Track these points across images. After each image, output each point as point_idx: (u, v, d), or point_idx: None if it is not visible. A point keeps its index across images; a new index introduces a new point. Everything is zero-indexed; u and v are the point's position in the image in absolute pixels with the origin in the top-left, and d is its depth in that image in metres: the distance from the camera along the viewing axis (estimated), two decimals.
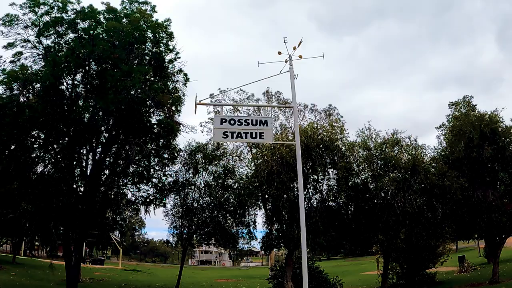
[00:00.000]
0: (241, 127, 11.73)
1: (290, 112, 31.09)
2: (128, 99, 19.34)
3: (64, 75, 20.01)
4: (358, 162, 22.31)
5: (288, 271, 21.62)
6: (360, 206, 22.36)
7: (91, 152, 21.74)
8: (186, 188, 23.82)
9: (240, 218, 23.39)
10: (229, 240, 24.62)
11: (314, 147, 19.93)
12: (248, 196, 21.85)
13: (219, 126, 11.76)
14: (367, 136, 23.03)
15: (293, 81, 12.59)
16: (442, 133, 25.46)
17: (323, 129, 21.00)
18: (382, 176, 21.43)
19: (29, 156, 20.42)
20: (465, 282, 25.94)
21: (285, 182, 19.82)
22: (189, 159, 23.81)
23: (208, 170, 23.55)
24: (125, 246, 71.81)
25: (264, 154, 21.32)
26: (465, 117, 23.84)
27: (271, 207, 22.36)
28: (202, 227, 24.12)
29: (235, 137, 11.86)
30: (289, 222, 20.99)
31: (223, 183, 23.13)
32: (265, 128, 11.86)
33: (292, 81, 12.59)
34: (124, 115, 19.96)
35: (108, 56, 19.44)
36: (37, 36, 19.87)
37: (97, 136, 21.40)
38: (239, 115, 12.29)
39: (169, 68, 22.41)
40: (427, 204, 21.29)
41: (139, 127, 20.55)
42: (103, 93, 18.79)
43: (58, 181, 20.86)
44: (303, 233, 10.99)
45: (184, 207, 23.90)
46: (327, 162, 21.05)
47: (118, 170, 22.20)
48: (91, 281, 31.15)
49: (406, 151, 22.51)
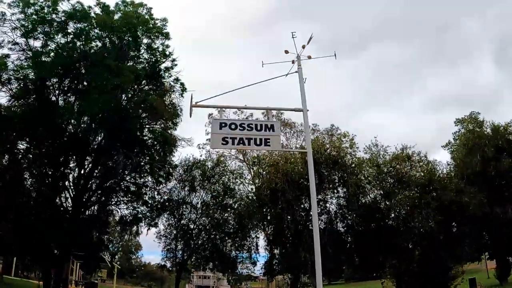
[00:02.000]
0: (243, 132, 10.03)
1: (292, 132, 29.75)
2: (115, 101, 17.73)
3: (50, 78, 18.53)
4: (368, 180, 20.70)
5: None
6: (371, 227, 20.72)
7: (77, 164, 20.05)
8: (181, 207, 21.88)
9: (241, 241, 21.45)
10: (227, 265, 22.68)
11: (321, 163, 18.24)
12: (250, 217, 20.00)
13: (218, 131, 10.04)
14: (374, 153, 21.55)
15: (302, 83, 11.07)
16: (451, 150, 24.45)
17: (331, 144, 19.36)
18: (394, 194, 19.79)
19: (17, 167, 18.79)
20: None
21: (291, 201, 18.09)
22: (185, 175, 21.92)
23: (206, 188, 21.59)
24: (119, 269, 69.21)
25: (267, 171, 19.66)
26: (478, 129, 22.85)
27: (273, 229, 20.62)
28: (199, 251, 22.10)
29: (236, 143, 10.09)
30: (295, 245, 19.21)
31: (222, 202, 21.23)
32: (271, 133, 10.18)
33: (301, 82, 11.05)
34: (114, 124, 18.31)
35: (100, 59, 17.99)
36: (23, 37, 18.39)
37: (84, 147, 19.66)
38: (241, 119, 10.66)
39: (165, 77, 20.83)
40: (444, 223, 19.63)
41: (129, 137, 18.85)
42: (87, 94, 17.26)
43: (41, 195, 19.14)
44: (317, 258, 9.29)
45: (178, 228, 21.90)
46: (336, 179, 19.39)
47: (106, 186, 20.47)
48: None
49: (420, 167, 20.99)
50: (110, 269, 65.05)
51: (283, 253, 20.25)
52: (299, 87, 11.63)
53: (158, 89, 21.11)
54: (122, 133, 18.96)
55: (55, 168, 19.38)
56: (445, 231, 20.43)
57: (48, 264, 19.17)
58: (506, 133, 22.45)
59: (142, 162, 20.83)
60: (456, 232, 21.12)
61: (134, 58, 20.45)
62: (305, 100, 11.49)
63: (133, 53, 20.33)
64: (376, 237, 20.15)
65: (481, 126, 23.21)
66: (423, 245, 20.80)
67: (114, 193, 21.76)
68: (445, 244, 20.73)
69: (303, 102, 11.41)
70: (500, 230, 20.55)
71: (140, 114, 20.50)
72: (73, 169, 20.52)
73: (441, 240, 20.65)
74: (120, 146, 19.52)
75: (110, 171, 20.71)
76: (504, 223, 20.28)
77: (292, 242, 19.58)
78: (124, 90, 18.87)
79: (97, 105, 17.16)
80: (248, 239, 21.44)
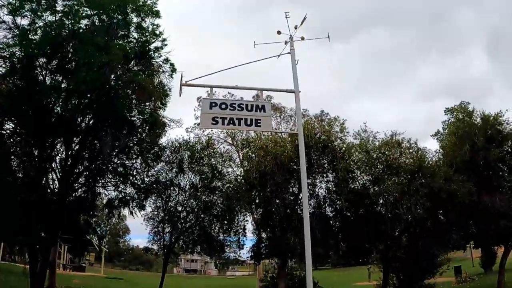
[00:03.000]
0: (234, 112, 10.07)
1: (282, 117, 29.57)
2: (104, 80, 17.34)
3: (37, 57, 18.04)
4: (357, 165, 20.64)
5: (281, 283, 19.69)
6: (359, 212, 20.72)
7: (65, 145, 19.69)
8: (169, 189, 21.62)
9: (229, 224, 21.27)
10: (215, 248, 22.53)
11: (311, 146, 18.08)
12: (238, 200, 19.84)
13: (208, 110, 10.05)
14: (364, 139, 21.49)
15: (294, 64, 11.11)
16: (440, 139, 24.44)
17: (321, 128, 19.19)
18: (383, 180, 19.75)
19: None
20: None
21: (280, 184, 17.95)
22: (173, 157, 21.63)
23: (194, 170, 21.31)
24: (106, 252, 69.08)
25: (256, 154, 19.48)
26: (468, 119, 22.79)
27: (261, 212, 20.50)
28: (186, 233, 21.90)
29: (226, 123, 10.11)
30: (283, 228, 19.13)
31: (210, 184, 20.98)
32: (262, 114, 10.23)
33: (293, 63, 11.10)
34: (102, 104, 17.95)
35: (88, 38, 17.52)
36: (10, 14, 17.81)
37: (72, 128, 19.27)
38: (232, 99, 10.51)
39: (155, 57, 20.44)
40: (432, 210, 19.66)
41: (117, 118, 18.50)
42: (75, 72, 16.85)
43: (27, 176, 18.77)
44: (307, 241, 9.39)
45: (166, 210, 21.66)
46: (325, 164, 19.27)
47: (94, 167, 20.14)
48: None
49: (409, 154, 20.95)
50: (98, 252, 64.92)
51: (270, 237, 20.15)
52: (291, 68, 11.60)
53: (148, 70, 20.74)
54: (110, 114, 18.58)
55: (42, 149, 18.98)
56: (433, 218, 20.48)
57: (35, 247, 18.85)
58: (496, 123, 22.28)
59: (130, 144, 20.51)
60: (444, 219, 21.17)
61: (124, 37, 19.96)
62: (297, 81, 11.45)
63: (122, 32, 19.84)
64: (364, 223, 20.17)
65: (471, 116, 23.07)
66: (411, 232, 20.92)
67: (102, 175, 21.47)
68: (433, 231, 20.82)
69: (295, 83, 11.37)
70: (487, 219, 20.58)
71: (129, 94, 20.13)
72: (60, 150, 20.16)
73: (429, 227, 20.73)
74: (108, 126, 19.18)
75: (97, 152, 20.39)
76: (492, 213, 20.24)
77: (280, 226, 19.49)
78: (113, 68, 18.43)
79: (84, 84, 16.78)
80: (236, 222, 21.26)
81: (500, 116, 22.35)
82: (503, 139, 22.26)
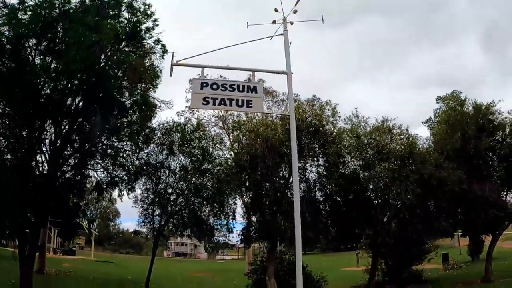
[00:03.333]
0: (225, 92, 9.91)
1: (273, 101, 29.42)
2: (94, 59, 17.04)
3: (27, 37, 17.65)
4: (348, 150, 20.60)
5: (270, 266, 19.68)
6: (349, 197, 20.75)
7: (54, 127, 19.40)
8: (159, 171, 21.46)
9: (219, 207, 21.18)
10: (205, 231, 22.48)
11: (302, 130, 17.96)
12: (228, 182, 19.73)
13: (199, 90, 9.89)
14: (355, 124, 21.47)
15: (287, 45, 10.89)
16: (431, 126, 24.48)
17: (312, 112, 19.05)
18: (374, 165, 19.73)
19: None
20: (453, 280, 24.76)
21: (270, 167, 17.86)
22: (164, 138, 21.43)
23: (185, 152, 21.12)
24: (97, 236, 69.06)
25: (247, 136, 19.37)
26: (460, 108, 22.81)
27: (251, 195, 20.44)
28: (176, 216, 21.79)
29: (217, 104, 9.95)
30: (273, 212, 19.10)
31: (201, 167, 20.84)
32: (254, 95, 10.10)
33: (286, 44, 10.88)
34: (92, 84, 17.66)
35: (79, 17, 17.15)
36: None
37: (61, 109, 18.97)
38: (223, 79, 10.40)
39: (146, 38, 20.12)
40: (422, 197, 19.72)
41: (107, 99, 18.22)
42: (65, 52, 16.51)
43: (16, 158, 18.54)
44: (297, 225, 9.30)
45: (156, 193, 21.51)
46: (316, 148, 19.19)
47: (83, 149, 19.91)
48: (56, 273, 28.86)
49: (400, 140, 20.95)
50: (88, 236, 64.92)
51: (260, 220, 20.13)
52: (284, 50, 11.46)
53: (139, 50, 20.46)
54: (100, 94, 18.34)
55: (31, 131, 18.69)
56: (423, 205, 20.57)
57: (24, 230, 18.64)
58: (488, 113, 22.32)
59: (120, 125, 20.29)
60: (434, 206, 21.26)
61: (115, 17, 19.55)
62: (290, 63, 11.32)
63: (113, 12, 19.47)
64: (354, 208, 20.22)
65: (462, 105, 23.08)
66: (400, 218, 21.00)
67: (91, 157, 21.25)
68: (422, 218, 20.92)
69: (288, 65, 11.23)
70: (477, 208, 20.71)
71: (119, 75, 19.84)
72: (49, 131, 19.87)
73: (418, 214, 20.83)
74: (98, 107, 18.91)
75: (87, 134, 20.16)
76: (481, 201, 20.36)
77: (270, 209, 19.46)
78: (103, 48, 18.11)
79: (74, 62, 16.47)
80: (226, 205, 21.17)
81: (492, 105, 22.36)
82: (494, 129, 22.33)
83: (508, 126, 22.42)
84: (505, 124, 22.38)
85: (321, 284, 21.80)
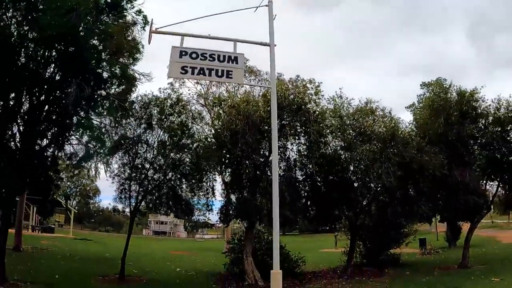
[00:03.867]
0: (205, 62, 9.68)
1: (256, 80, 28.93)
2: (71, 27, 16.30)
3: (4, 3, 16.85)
4: (330, 130, 20.38)
5: (248, 245, 19.49)
6: (330, 178, 20.59)
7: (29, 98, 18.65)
8: (136, 145, 20.87)
9: (197, 184, 20.74)
10: (184, 210, 22.04)
11: (284, 107, 17.61)
12: (207, 159, 19.30)
13: (177, 59, 9.67)
14: (338, 104, 21.27)
15: (271, 17, 10.70)
16: (414, 111, 24.37)
17: (295, 89, 18.67)
18: (355, 146, 19.55)
19: None
20: (431, 265, 24.87)
21: (251, 143, 17.51)
22: (142, 112, 20.79)
23: (164, 126, 20.53)
24: (76, 214, 68.32)
25: (227, 112, 18.95)
26: (444, 95, 22.68)
27: (231, 172, 20.11)
28: (153, 192, 21.29)
29: (196, 73, 9.83)
30: (252, 190, 18.82)
31: (179, 142, 20.31)
32: (234, 66, 9.90)
33: (270, 16, 10.68)
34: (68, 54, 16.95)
35: None
36: None
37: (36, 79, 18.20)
38: (203, 49, 10.01)
39: (127, 9, 19.35)
40: (403, 180, 19.63)
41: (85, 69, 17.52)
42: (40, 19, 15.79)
43: None
44: (275, 203, 9.10)
45: (133, 167, 20.93)
46: (298, 126, 18.89)
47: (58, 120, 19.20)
48: (33, 250, 28.30)
49: (382, 122, 20.79)
50: (67, 213, 64.17)
51: (239, 198, 19.87)
52: (268, 21, 11.27)
53: (120, 21, 19.71)
54: (78, 64, 17.61)
55: (5, 101, 17.99)
56: (403, 188, 20.51)
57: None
58: (472, 99, 22.10)
59: (97, 97, 19.61)
60: (414, 190, 21.24)
61: None
62: (273, 35, 11.16)
63: None
64: (334, 189, 20.09)
65: (447, 92, 22.87)
66: (380, 200, 20.95)
67: (67, 129, 20.55)
68: (402, 201, 20.91)
69: (271, 37, 11.07)
70: (457, 194, 20.69)
71: (99, 47, 19.10)
72: (24, 103, 19.12)
73: (398, 197, 20.80)
74: (74, 76, 18.19)
75: (63, 106, 19.43)
76: (461, 188, 20.34)
77: (250, 187, 19.18)
78: (80, 14, 17.31)
79: (49, 28, 15.77)
80: (205, 182, 20.76)
81: (476, 92, 22.15)
82: (477, 116, 22.18)
83: (491, 115, 22.27)
84: (488, 112, 22.25)
85: (299, 264, 21.72)
